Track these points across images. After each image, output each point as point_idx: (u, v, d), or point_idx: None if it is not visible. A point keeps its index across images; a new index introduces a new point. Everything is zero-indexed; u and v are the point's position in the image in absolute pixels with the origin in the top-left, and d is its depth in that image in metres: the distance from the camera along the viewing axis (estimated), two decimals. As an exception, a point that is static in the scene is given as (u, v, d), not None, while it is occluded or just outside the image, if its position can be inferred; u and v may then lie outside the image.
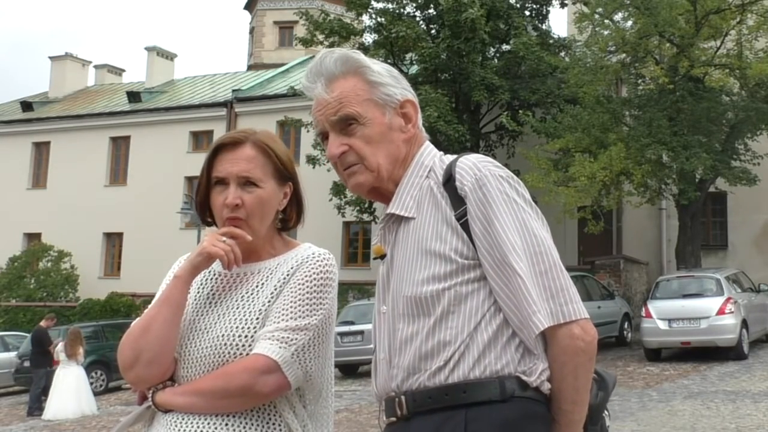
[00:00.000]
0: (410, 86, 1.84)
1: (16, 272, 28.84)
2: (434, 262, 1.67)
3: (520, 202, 1.68)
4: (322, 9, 27.79)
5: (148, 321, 1.81)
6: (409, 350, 1.68)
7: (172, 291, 1.83)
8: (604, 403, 1.79)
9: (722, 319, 14.56)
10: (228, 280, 1.90)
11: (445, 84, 21.46)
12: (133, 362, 1.79)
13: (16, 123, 33.69)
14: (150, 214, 28.94)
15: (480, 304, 1.65)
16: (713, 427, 8.90)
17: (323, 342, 1.83)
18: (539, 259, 1.65)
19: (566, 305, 1.63)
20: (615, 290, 19.87)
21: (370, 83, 1.77)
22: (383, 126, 1.76)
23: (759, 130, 18.70)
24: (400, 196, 1.76)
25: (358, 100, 1.75)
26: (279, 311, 1.79)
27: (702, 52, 17.97)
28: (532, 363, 1.65)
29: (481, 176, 1.67)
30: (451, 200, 1.70)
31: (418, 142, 1.82)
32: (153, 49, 36.43)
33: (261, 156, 1.88)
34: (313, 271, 1.84)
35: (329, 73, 1.78)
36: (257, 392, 1.73)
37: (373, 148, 1.75)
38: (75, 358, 15.22)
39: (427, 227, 1.71)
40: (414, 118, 1.81)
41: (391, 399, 1.72)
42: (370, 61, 1.81)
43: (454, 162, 1.73)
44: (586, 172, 17.06)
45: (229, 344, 1.78)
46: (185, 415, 1.77)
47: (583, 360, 1.64)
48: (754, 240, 22.44)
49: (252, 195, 1.85)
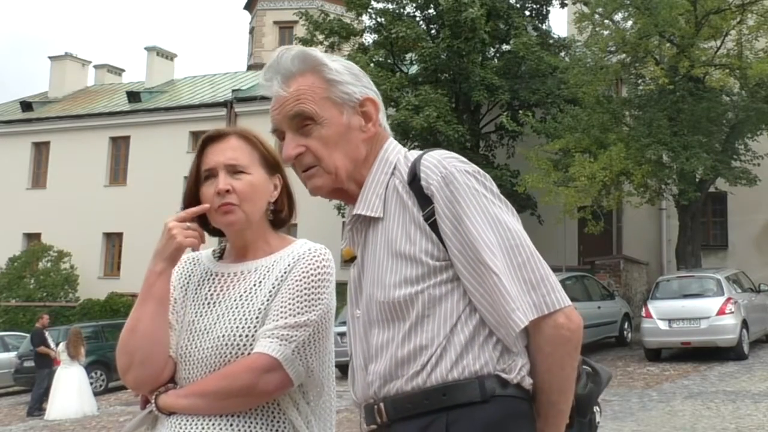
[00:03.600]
0: (372, 83, 1.79)
1: (16, 272, 28.82)
2: (405, 265, 1.63)
3: (489, 196, 1.64)
4: (322, 9, 27.76)
5: (134, 322, 1.81)
6: (385, 356, 1.65)
7: (154, 286, 1.83)
8: (593, 396, 1.77)
9: (722, 320, 14.56)
10: (225, 279, 1.90)
11: (445, 84, 21.44)
12: (128, 365, 1.80)
13: (16, 123, 33.67)
14: (150, 214, 28.87)
15: (455, 305, 1.62)
16: (713, 428, 8.90)
17: (323, 337, 1.83)
18: (516, 252, 1.61)
19: (548, 295, 1.59)
20: (615, 290, 19.85)
21: (328, 81, 1.71)
22: (341, 126, 1.70)
23: (759, 130, 18.69)
24: (365, 196, 1.72)
25: (315, 99, 1.70)
26: (278, 309, 1.79)
27: (702, 52, 17.96)
28: (511, 360, 1.63)
29: (447, 173, 1.62)
30: (417, 200, 1.65)
31: (381, 140, 1.77)
32: (153, 49, 36.41)
33: (247, 145, 1.92)
34: (310, 267, 1.84)
35: (286, 70, 1.72)
36: (260, 391, 1.74)
37: (330, 150, 1.69)
38: (78, 358, 15.26)
39: (395, 229, 1.66)
40: (374, 117, 1.74)
41: (370, 406, 1.69)
42: (329, 59, 1.75)
43: (418, 160, 1.67)
44: (586, 173, 17.06)
45: (230, 344, 1.78)
46: (189, 416, 1.76)
47: (569, 349, 1.62)
48: (754, 240, 22.44)
49: (241, 181, 1.86)
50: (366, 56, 21.22)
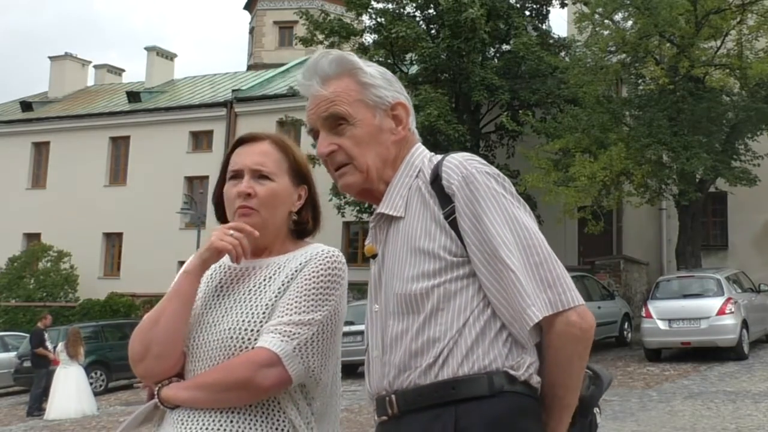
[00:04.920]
0: (404, 89, 1.87)
1: (16, 272, 28.82)
2: (423, 260, 1.70)
3: (508, 197, 1.71)
4: (322, 9, 27.78)
5: (158, 314, 1.83)
6: (400, 347, 1.71)
7: (181, 285, 1.85)
8: (595, 398, 1.81)
9: (722, 320, 14.55)
10: (237, 273, 1.91)
11: (445, 84, 21.44)
12: (143, 355, 1.81)
13: (16, 123, 33.68)
14: (150, 214, 28.93)
15: (469, 300, 1.68)
16: (713, 428, 8.90)
17: (328, 339, 1.83)
18: (533, 251, 1.67)
19: (564, 294, 1.65)
20: (615, 290, 19.86)
21: (362, 84, 1.80)
22: (373, 127, 1.79)
23: (759, 130, 18.69)
24: (390, 196, 1.79)
25: (349, 101, 1.78)
26: (284, 306, 1.80)
27: (702, 52, 17.97)
28: (519, 357, 1.67)
29: (468, 174, 1.70)
30: (438, 199, 1.72)
31: (409, 143, 1.84)
32: (153, 49, 36.42)
33: (277, 152, 1.93)
34: (320, 267, 1.85)
35: (324, 73, 1.81)
36: (257, 385, 1.73)
37: (362, 149, 1.77)
38: (77, 358, 15.26)
39: (416, 226, 1.73)
40: (405, 121, 1.83)
41: (382, 398, 1.75)
42: (365, 63, 1.83)
43: (441, 161, 1.75)
44: (586, 172, 17.06)
45: (235, 338, 1.79)
46: (191, 412, 1.77)
47: (579, 347, 1.67)
48: (754, 240, 22.43)
49: (264, 187, 1.88)
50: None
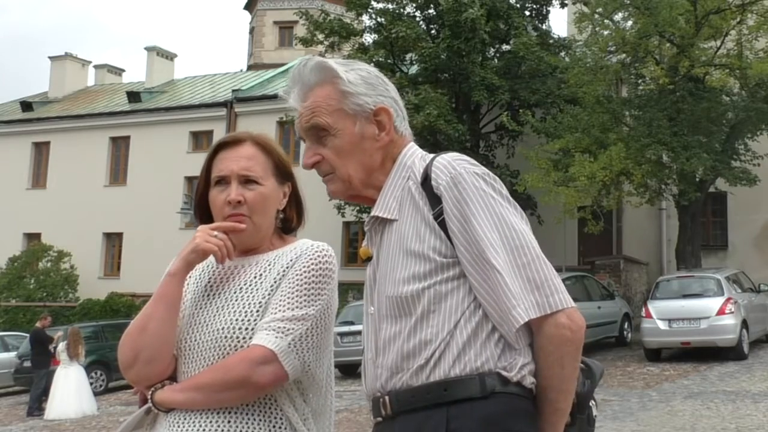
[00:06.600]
0: (393, 90, 1.85)
1: (16, 272, 28.83)
2: (414, 262, 1.70)
3: (497, 197, 1.70)
4: (322, 9, 27.77)
5: (145, 320, 1.81)
6: (392, 350, 1.71)
7: (166, 288, 1.83)
8: (591, 393, 1.81)
9: (722, 320, 14.54)
10: (226, 271, 1.91)
11: (445, 84, 21.44)
12: (132, 361, 1.80)
13: (16, 123, 33.66)
14: (150, 214, 28.93)
15: (459, 301, 1.67)
16: (713, 428, 8.90)
17: (321, 333, 1.83)
18: (520, 252, 1.66)
19: (552, 296, 1.64)
20: (615, 290, 19.84)
21: (342, 93, 1.78)
22: (354, 136, 1.78)
23: (759, 130, 18.70)
24: (383, 198, 1.79)
25: (329, 110, 1.78)
26: (277, 302, 1.80)
27: (702, 52, 17.97)
28: (512, 358, 1.67)
29: (456, 174, 1.69)
30: (428, 200, 1.72)
31: (398, 145, 1.83)
32: (153, 49, 36.39)
33: (261, 154, 1.91)
34: (311, 262, 1.84)
35: (304, 82, 1.81)
36: (255, 383, 1.73)
37: (343, 159, 1.78)
38: (77, 358, 15.27)
39: (407, 228, 1.73)
40: (388, 126, 1.80)
41: (377, 399, 1.75)
42: (345, 70, 1.80)
43: (431, 161, 1.75)
44: (586, 172, 17.06)
45: (229, 337, 1.78)
46: (187, 413, 1.76)
47: (570, 349, 1.66)
48: (754, 240, 22.43)
49: (254, 192, 1.87)
50: (366, 56, 21.21)
